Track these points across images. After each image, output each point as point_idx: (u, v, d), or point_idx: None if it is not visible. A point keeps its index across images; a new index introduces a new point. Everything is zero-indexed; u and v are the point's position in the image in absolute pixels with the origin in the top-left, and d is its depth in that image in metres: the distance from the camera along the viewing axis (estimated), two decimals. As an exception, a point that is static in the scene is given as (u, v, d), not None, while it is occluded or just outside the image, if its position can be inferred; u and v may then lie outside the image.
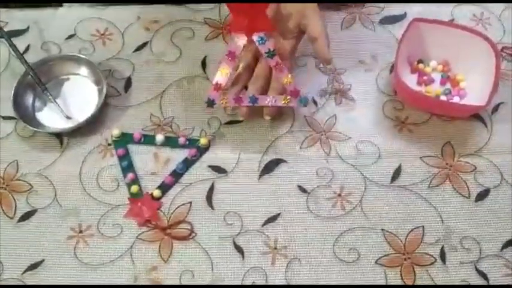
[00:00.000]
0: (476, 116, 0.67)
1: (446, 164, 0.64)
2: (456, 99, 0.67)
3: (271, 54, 0.60)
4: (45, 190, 0.63)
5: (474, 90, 0.67)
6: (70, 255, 0.59)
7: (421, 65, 0.69)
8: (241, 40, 0.59)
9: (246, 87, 0.65)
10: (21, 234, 0.60)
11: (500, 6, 0.75)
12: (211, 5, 0.75)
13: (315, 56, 0.67)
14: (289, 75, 0.61)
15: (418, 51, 0.69)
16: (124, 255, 0.59)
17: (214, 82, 0.61)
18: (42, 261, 0.59)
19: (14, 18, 0.74)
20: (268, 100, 0.62)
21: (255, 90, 0.63)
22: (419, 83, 0.69)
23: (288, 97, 0.62)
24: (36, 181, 0.63)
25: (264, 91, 0.64)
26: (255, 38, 0.59)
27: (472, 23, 0.73)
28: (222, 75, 0.61)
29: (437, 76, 0.69)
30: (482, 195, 0.62)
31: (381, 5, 0.75)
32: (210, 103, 0.62)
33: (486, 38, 0.66)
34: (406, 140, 0.66)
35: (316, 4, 0.63)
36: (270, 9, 0.60)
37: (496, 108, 0.67)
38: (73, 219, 0.61)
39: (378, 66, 0.70)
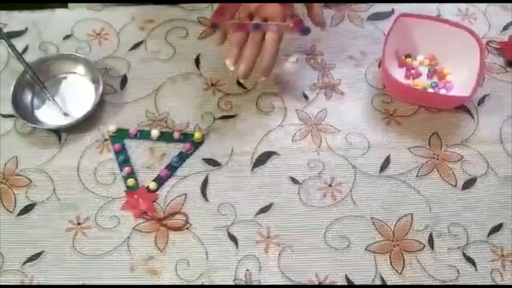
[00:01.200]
0: (462, 107, 0.69)
1: (434, 154, 0.66)
2: (443, 92, 0.69)
3: None
4: (44, 184, 0.65)
5: (460, 82, 0.69)
6: (69, 247, 0.61)
7: (408, 59, 0.71)
8: None
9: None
10: (21, 227, 0.62)
11: (485, 1, 0.77)
12: (205, 5, 0.77)
13: (311, 20, 0.68)
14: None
15: (405, 45, 0.71)
16: (121, 245, 0.61)
17: (217, 7, 0.64)
18: (41, 252, 0.61)
19: (13, 19, 0.76)
20: (271, 26, 0.64)
21: (249, 55, 0.64)
22: (407, 77, 0.71)
23: (291, 26, 0.64)
24: (35, 176, 0.65)
25: (254, 61, 0.64)
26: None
27: (457, 18, 0.75)
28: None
29: (424, 70, 0.71)
30: (469, 183, 0.64)
31: (369, 2, 0.77)
32: (215, 26, 0.66)
33: (471, 32, 0.68)
34: (395, 131, 0.68)
35: None
36: None
37: (482, 100, 0.69)
38: (71, 212, 0.63)
39: (366, 61, 0.72)
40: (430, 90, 0.69)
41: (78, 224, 0.62)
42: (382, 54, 0.67)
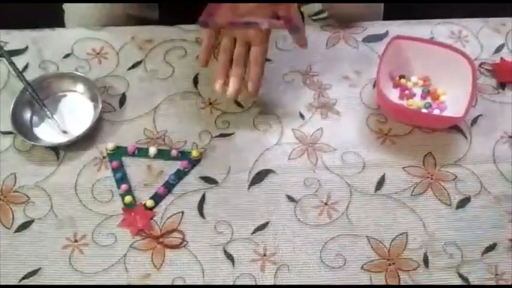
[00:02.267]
0: (456, 128, 0.70)
1: (428, 173, 0.67)
2: (437, 112, 0.70)
3: None
4: (42, 201, 0.65)
5: (453, 103, 0.70)
6: (65, 264, 0.61)
7: (402, 80, 0.73)
8: None
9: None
10: (18, 244, 0.62)
11: (478, 24, 0.79)
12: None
13: (292, 39, 0.69)
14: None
15: (400, 67, 0.73)
16: (118, 263, 0.61)
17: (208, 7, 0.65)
18: (38, 269, 0.61)
19: (14, 38, 0.77)
20: (261, 22, 0.65)
21: (235, 76, 0.66)
22: (401, 97, 0.72)
23: (282, 23, 0.65)
24: (33, 193, 0.65)
25: (241, 81, 0.67)
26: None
27: (450, 40, 0.77)
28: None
29: (418, 90, 0.72)
30: (463, 203, 0.65)
31: (364, 24, 0.79)
32: (204, 24, 0.66)
33: (463, 54, 0.70)
34: (389, 151, 0.69)
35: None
36: None
37: (475, 121, 0.71)
38: (69, 229, 0.63)
39: (361, 81, 0.74)
40: (424, 110, 0.70)
41: (75, 241, 0.63)
42: (377, 75, 0.68)
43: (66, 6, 0.84)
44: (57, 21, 0.83)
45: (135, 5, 0.83)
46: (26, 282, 0.60)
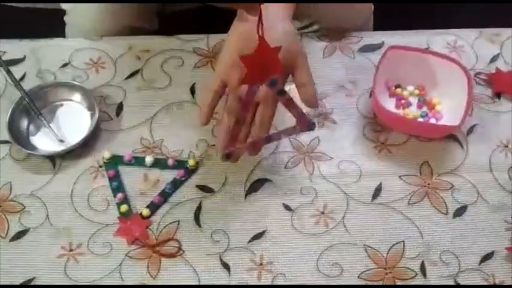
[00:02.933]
0: (452, 137, 0.70)
1: (425, 182, 0.67)
2: (433, 121, 0.71)
3: (281, 93, 0.57)
4: (38, 210, 0.65)
5: (449, 112, 0.70)
6: (60, 273, 0.61)
7: (398, 90, 0.73)
8: (255, 88, 0.56)
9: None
10: (13, 253, 0.62)
11: (473, 35, 0.79)
12: (200, 35, 0.79)
13: (301, 100, 0.62)
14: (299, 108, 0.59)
15: (396, 76, 0.73)
16: (113, 272, 0.61)
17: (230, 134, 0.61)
18: (33, 278, 0.60)
19: (12, 47, 0.77)
20: (281, 135, 0.63)
21: (243, 136, 0.62)
22: (397, 107, 0.72)
23: (297, 125, 0.61)
24: (29, 202, 0.65)
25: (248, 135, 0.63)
26: (269, 82, 0.55)
27: (446, 50, 0.77)
28: (236, 124, 0.60)
29: (414, 100, 0.73)
30: (460, 211, 0.65)
31: (360, 34, 0.79)
32: (228, 156, 0.62)
33: (459, 64, 0.70)
34: (386, 160, 0.69)
35: (305, 51, 0.62)
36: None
37: (471, 130, 0.71)
38: (64, 238, 0.63)
39: (357, 91, 0.74)
40: (420, 119, 0.71)
41: (71, 250, 0.62)
42: (373, 84, 0.69)
43: (68, 18, 0.85)
44: (57, 33, 0.83)
45: (135, 17, 0.83)
46: (20, 291, 0.60)
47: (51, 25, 0.84)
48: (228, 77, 0.61)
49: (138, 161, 0.68)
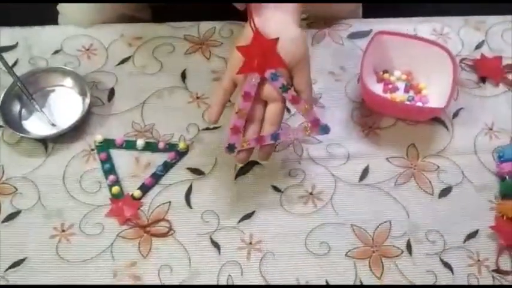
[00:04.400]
0: (438, 120, 0.72)
1: (411, 164, 0.68)
2: (419, 105, 0.72)
3: (285, 88, 0.58)
4: (30, 192, 0.65)
5: (435, 96, 0.72)
6: (52, 253, 0.62)
7: (386, 75, 0.74)
8: (255, 79, 0.58)
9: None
10: (5, 234, 0.63)
11: (459, 22, 0.81)
12: (191, 23, 0.80)
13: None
14: (306, 105, 0.59)
15: (383, 62, 0.74)
16: (105, 252, 0.62)
17: (231, 125, 0.59)
18: (24, 259, 0.61)
19: (4, 35, 0.78)
20: (290, 135, 0.61)
21: (253, 133, 0.60)
22: (384, 91, 0.74)
23: (309, 127, 0.60)
24: (21, 184, 0.66)
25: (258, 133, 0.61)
26: (267, 75, 0.58)
27: (432, 37, 0.78)
28: (239, 117, 0.58)
29: (401, 85, 0.74)
30: (445, 192, 0.66)
31: (349, 22, 0.80)
32: (231, 148, 0.59)
33: (444, 48, 0.71)
34: (373, 143, 0.70)
35: (309, 56, 0.61)
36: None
37: (456, 114, 0.72)
38: (56, 219, 0.64)
39: (346, 76, 0.75)
40: (407, 103, 0.72)
41: (63, 231, 0.63)
42: (360, 68, 0.70)
43: (61, 7, 0.86)
44: (49, 22, 0.84)
45: (128, 8, 0.84)
46: (12, 271, 0.60)
47: (43, 14, 0.85)
48: (237, 76, 0.60)
49: (130, 145, 0.69)
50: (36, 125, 0.70)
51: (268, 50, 0.58)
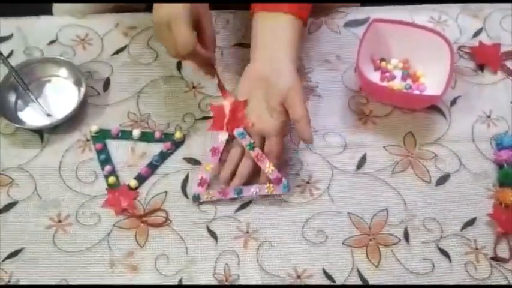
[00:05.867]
0: (435, 108, 0.71)
1: (409, 152, 0.68)
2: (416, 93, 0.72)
3: (251, 146, 0.63)
4: (26, 183, 0.65)
5: (433, 84, 0.71)
6: (49, 243, 0.61)
7: (383, 63, 0.74)
8: (223, 136, 0.64)
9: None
10: (2, 225, 0.63)
11: (457, 9, 0.80)
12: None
13: (297, 134, 0.65)
14: (271, 165, 0.62)
15: (380, 50, 0.74)
16: (101, 242, 0.62)
17: (199, 177, 0.63)
18: (21, 249, 0.61)
19: (-1, 25, 0.78)
20: (252, 190, 0.63)
21: (244, 172, 0.64)
22: (382, 80, 0.73)
23: (272, 185, 0.63)
24: (17, 175, 0.66)
25: (248, 176, 0.64)
26: (235, 133, 0.63)
27: (430, 25, 0.78)
28: (206, 171, 0.63)
29: (398, 73, 0.73)
30: (443, 180, 0.66)
31: (346, 10, 0.80)
32: (196, 198, 0.63)
33: (442, 36, 0.71)
34: (370, 131, 0.70)
35: (300, 85, 0.64)
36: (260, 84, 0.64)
37: (454, 101, 0.72)
38: (52, 210, 0.64)
39: (343, 65, 0.75)
40: (405, 91, 0.72)
41: (59, 221, 0.63)
42: (357, 56, 0.69)
43: None
44: (45, 12, 0.83)
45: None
46: (9, 262, 0.60)
47: (38, 5, 0.85)
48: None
49: (125, 135, 0.69)
50: (32, 116, 0.70)
51: (237, 111, 0.64)
